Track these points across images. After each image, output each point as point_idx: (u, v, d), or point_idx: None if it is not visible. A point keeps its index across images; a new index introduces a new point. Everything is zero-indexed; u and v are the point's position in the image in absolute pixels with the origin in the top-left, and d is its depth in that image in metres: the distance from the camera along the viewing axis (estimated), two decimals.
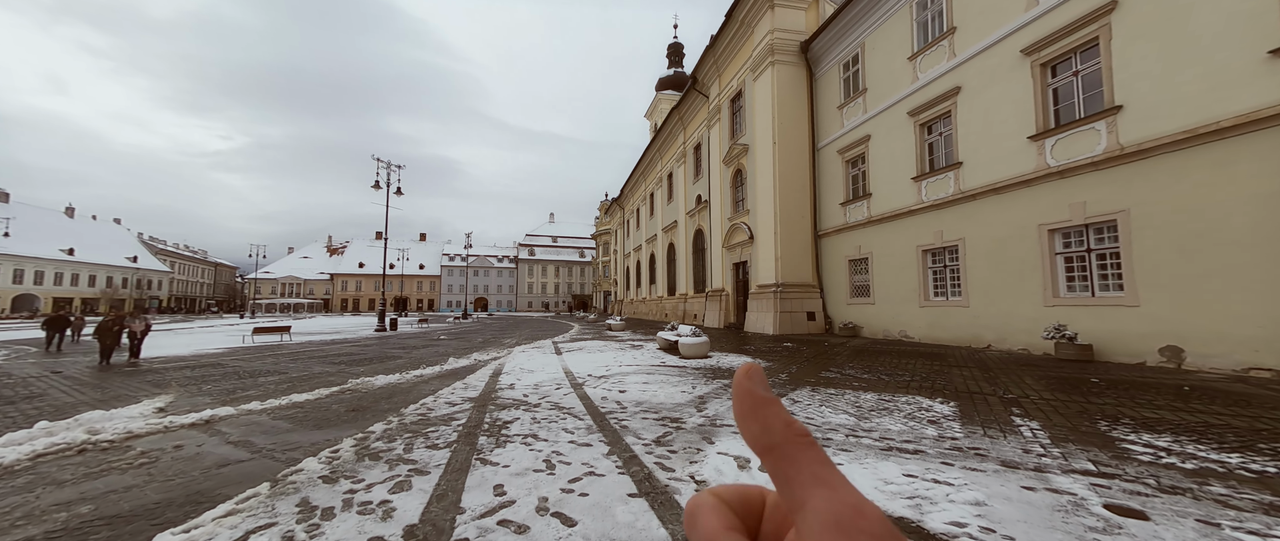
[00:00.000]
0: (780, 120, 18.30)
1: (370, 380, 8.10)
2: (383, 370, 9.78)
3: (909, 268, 14.02)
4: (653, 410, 5.55)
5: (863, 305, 16.12)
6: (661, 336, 12.80)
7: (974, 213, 11.81)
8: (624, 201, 52.56)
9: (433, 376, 8.77)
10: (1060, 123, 9.98)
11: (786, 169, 18.28)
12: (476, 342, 16.92)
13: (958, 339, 12.21)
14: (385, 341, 17.89)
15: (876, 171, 15.37)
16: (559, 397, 6.41)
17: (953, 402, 5.56)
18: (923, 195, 13.44)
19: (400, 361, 11.41)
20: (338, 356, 12.70)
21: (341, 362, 11.30)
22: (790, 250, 18.10)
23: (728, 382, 7.31)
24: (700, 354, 10.56)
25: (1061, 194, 9.74)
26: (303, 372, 9.61)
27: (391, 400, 6.52)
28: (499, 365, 10.15)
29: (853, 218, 16.56)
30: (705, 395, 6.35)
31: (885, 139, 14.92)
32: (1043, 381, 6.88)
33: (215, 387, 7.86)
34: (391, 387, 7.56)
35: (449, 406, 5.98)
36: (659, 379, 7.76)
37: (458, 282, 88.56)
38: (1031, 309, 10.38)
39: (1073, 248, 9.74)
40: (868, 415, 5.06)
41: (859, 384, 6.94)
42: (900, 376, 7.54)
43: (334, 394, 7.03)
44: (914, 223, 13.79)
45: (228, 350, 14.89)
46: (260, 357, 12.60)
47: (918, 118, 13.57)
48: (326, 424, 5.28)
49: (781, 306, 17.55)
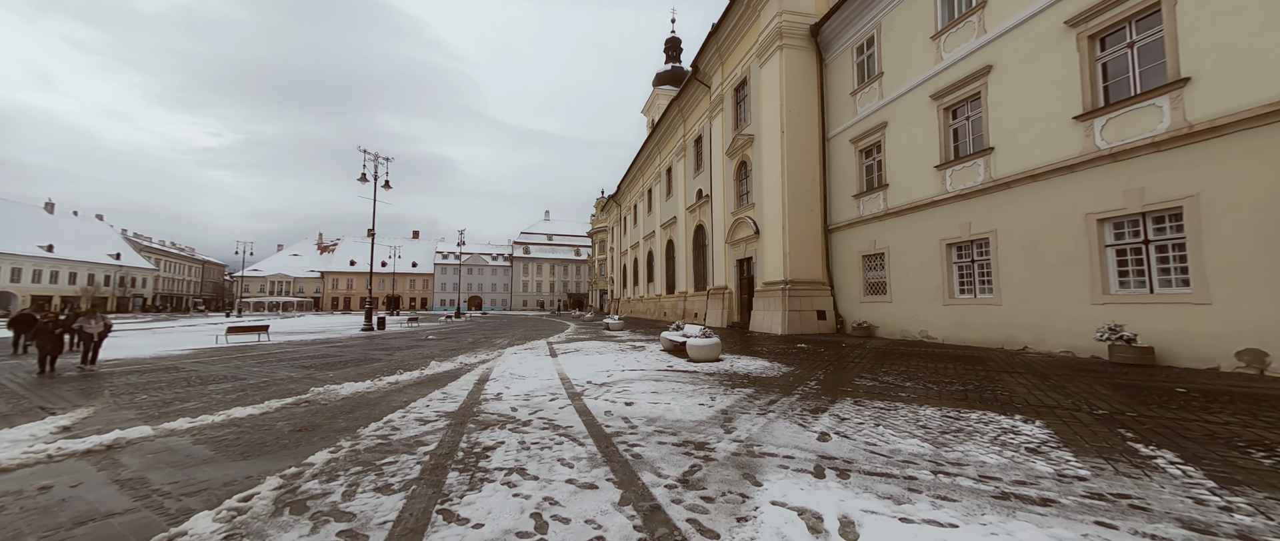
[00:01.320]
0: (789, 108, 17.28)
1: (335, 389, 6.99)
2: (355, 375, 8.66)
3: (931, 263, 13.03)
4: (669, 430, 4.50)
5: (878, 303, 15.13)
6: (666, 337, 11.74)
7: (1007, 202, 10.83)
8: (621, 198, 51.47)
9: (409, 384, 7.67)
10: (1110, 101, 9.00)
11: (795, 160, 17.26)
12: (465, 343, 15.80)
13: (988, 340, 11.23)
14: (369, 342, 16.74)
15: (894, 161, 14.38)
16: (553, 412, 5.34)
17: (1037, 421, 4.53)
18: (947, 185, 12.45)
19: (378, 365, 10.29)
20: (311, 359, 11.56)
21: (312, 366, 10.17)
22: (799, 246, 17.10)
23: (752, 393, 6.27)
24: (711, 357, 9.52)
25: (1113, 179, 8.77)
26: (262, 378, 8.48)
27: (352, 415, 5.43)
28: (487, 369, 9.06)
29: (867, 210, 15.57)
30: (729, 409, 5.30)
31: (904, 125, 13.92)
32: (1119, 391, 5.88)
33: (152, 398, 6.72)
34: (357, 398, 6.46)
35: (419, 424, 4.90)
36: (669, 387, 6.70)
37: (451, 281, 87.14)
38: (1076, 307, 9.41)
39: (1126, 238, 8.77)
40: (943, 439, 4.02)
41: (907, 394, 5.91)
42: (949, 384, 6.52)
43: (285, 407, 5.92)
44: (937, 214, 12.81)
45: (195, 352, 13.71)
46: (225, 360, 11.44)
47: (941, 101, 12.58)
48: (259, 451, 4.19)
49: (790, 305, 16.55)
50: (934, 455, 3.62)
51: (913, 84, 13.51)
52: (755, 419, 4.86)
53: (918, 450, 3.75)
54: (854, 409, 5.20)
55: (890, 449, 3.79)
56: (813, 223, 17.46)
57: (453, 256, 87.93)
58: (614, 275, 55.00)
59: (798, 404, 5.52)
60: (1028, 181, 10.30)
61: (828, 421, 4.68)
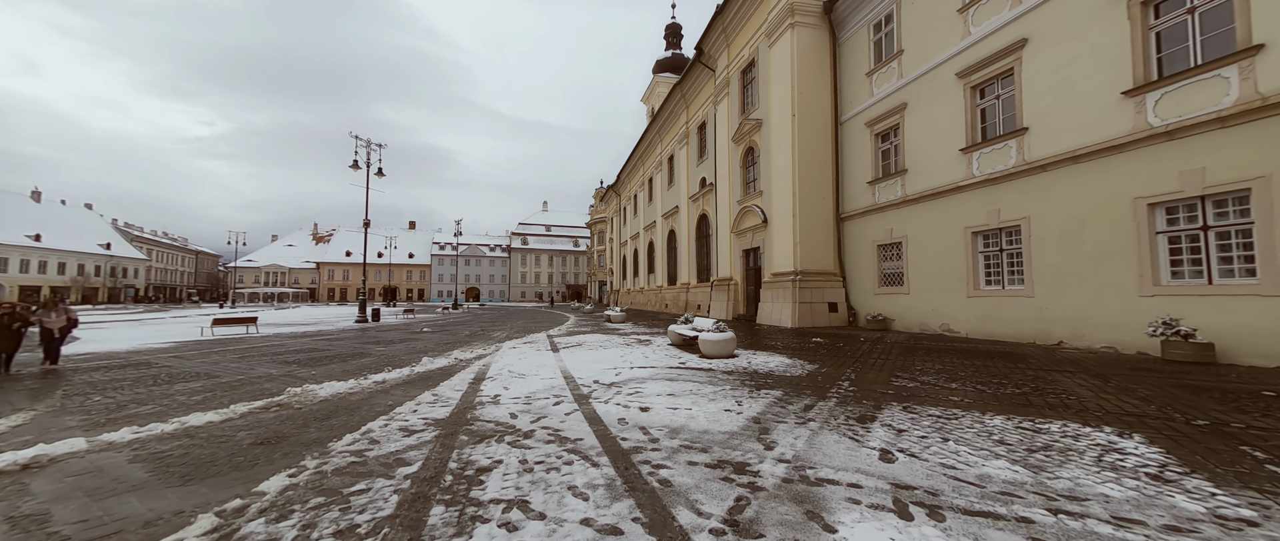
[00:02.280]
0: (800, 90, 16.43)
1: (314, 389, 6.27)
2: (340, 373, 7.94)
3: (954, 252, 12.32)
4: (697, 444, 3.79)
5: (894, 295, 14.44)
6: (675, 330, 11.03)
7: (1043, 186, 10.09)
8: (620, 188, 50.54)
9: (398, 383, 6.95)
10: (1165, 73, 8.23)
11: (806, 145, 16.45)
12: (462, 336, 15.09)
13: (1017, 334, 10.56)
14: (361, 335, 16.01)
15: (914, 144, 13.60)
16: (558, 420, 4.63)
17: (1136, 435, 3.84)
18: (974, 169, 11.69)
19: (367, 360, 9.57)
20: (296, 354, 10.83)
21: (295, 362, 9.45)
22: (810, 234, 16.36)
23: (781, 396, 5.57)
24: (726, 353, 8.81)
25: (1168, 160, 8.03)
26: (237, 376, 7.75)
27: (326, 423, 4.71)
28: (483, 366, 8.34)
29: (883, 198, 14.81)
30: (762, 417, 4.60)
31: (926, 106, 13.12)
32: (1199, 394, 5.19)
33: (106, 401, 5.99)
34: (337, 401, 5.73)
35: (403, 436, 4.18)
36: (687, 388, 6.00)
37: (448, 272, 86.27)
38: (1120, 300, 8.71)
39: (1182, 224, 8.05)
40: (1035, 460, 3.32)
41: (960, 398, 5.21)
42: (1000, 386, 5.83)
43: (252, 413, 5.20)
44: (961, 201, 12.06)
45: (176, 345, 12.96)
46: (205, 355, 10.70)
47: (969, 79, 11.78)
48: (205, 472, 3.47)
49: (800, 297, 15.84)
50: (1036, 484, 2.92)
51: (937, 62, 12.68)
52: (795, 430, 4.16)
53: (1012, 476, 3.04)
54: (907, 417, 4.49)
55: (976, 474, 3.09)
56: (824, 211, 16.70)
57: (449, 247, 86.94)
58: (613, 266, 54.25)
59: (839, 410, 4.82)
60: (1067, 163, 9.55)
61: (883, 434, 3.97)
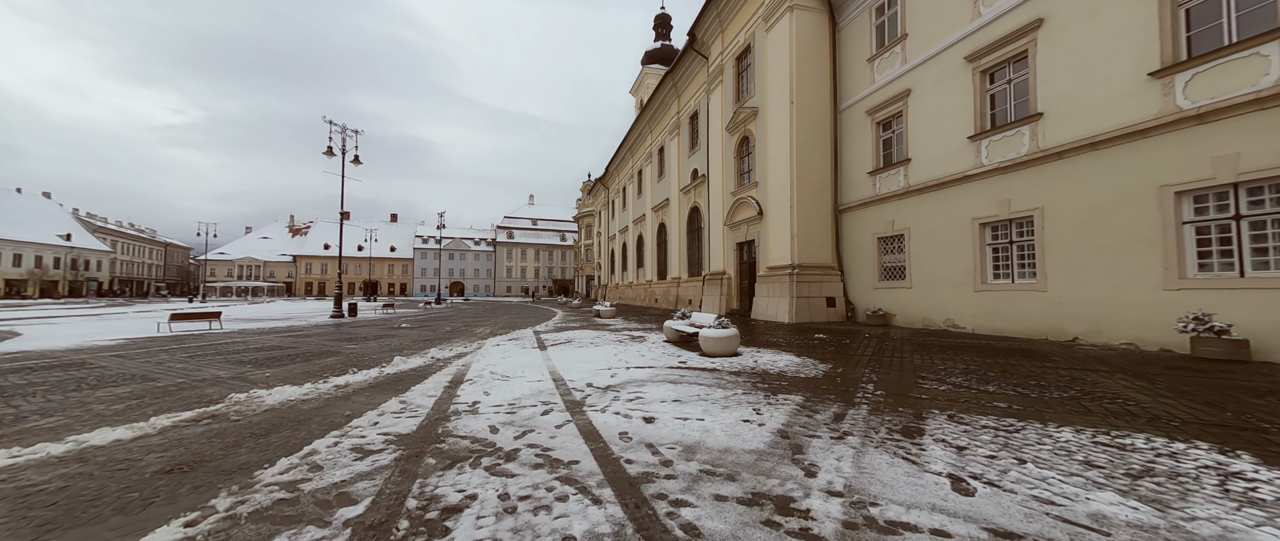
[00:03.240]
0: (799, 76, 15.79)
1: (261, 395, 5.39)
2: (299, 375, 7.05)
3: (960, 244, 11.82)
4: (721, 469, 3.08)
5: (895, 289, 13.95)
6: (671, 326, 10.32)
7: (1059, 175, 9.59)
8: (608, 181, 49.63)
9: (362, 387, 6.10)
10: (1194, 54, 7.74)
11: (804, 134, 15.84)
12: (442, 332, 14.17)
13: (1028, 330, 10.10)
14: (334, 331, 14.97)
15: (918, 132, 13.06)
16: (549, 434, 3.87)
17: (1243, 454, 3.23)
18: (983, 157, 11.18)
19: (333, 360, 8.66)
20: (256, 352, 9.84)
21: (252, 362, 8.49)
22: (807, 227, 15.78)
23: (802, 401, 4.89)
24: (728, 350, 8.13)
25: (1198, 145, 7.54)
26: (178, 379, 6.81)
27: (263, 441, 3.88)
28: (463, 367, 7.52)
29: (884, 188, 14.28)
30: (788, 429, 3.90)
31: (931, 92, 12.57)
32: (1269, 399, 4.66)
33: (3, 411, 5.04)
34: (285, 411, 4.88)
35: (354, 459, 3.38)
36: (693, 392, 5.28)
37: (432, 266, 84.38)
38: (1142, 293, 8.26)
39: (1212, 214, 7.59)
40: (1145, 489, 2.67)
41: (1006, 404, 4.59)
42: (1043, 389, 5.24)
43: (175, 427, 4.32)
44: (969, 191, 11.55)
45: (126, 342, 11.82)
46: (152, 354, 9.65)
47: (978, 63, 11.24)
48: (71, 520, 2.63)
49: (798, 291, 15.27)
50: (1174, 529, 2.26)
51: (943, 45, 12.12)
52: (834, 447, 3.46)
53: (1135, 516, 2.38)
54: (959, 429, 3.84)
55: (1088, 513, 2.42)
56: (822, 202, 16.14)
57: (433, 241, 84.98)
58: (601, 260, 53.39)
59: (875, 420, 4.15)
60: (1086, 150, 9.05)
61: (943, 454, 3.31)
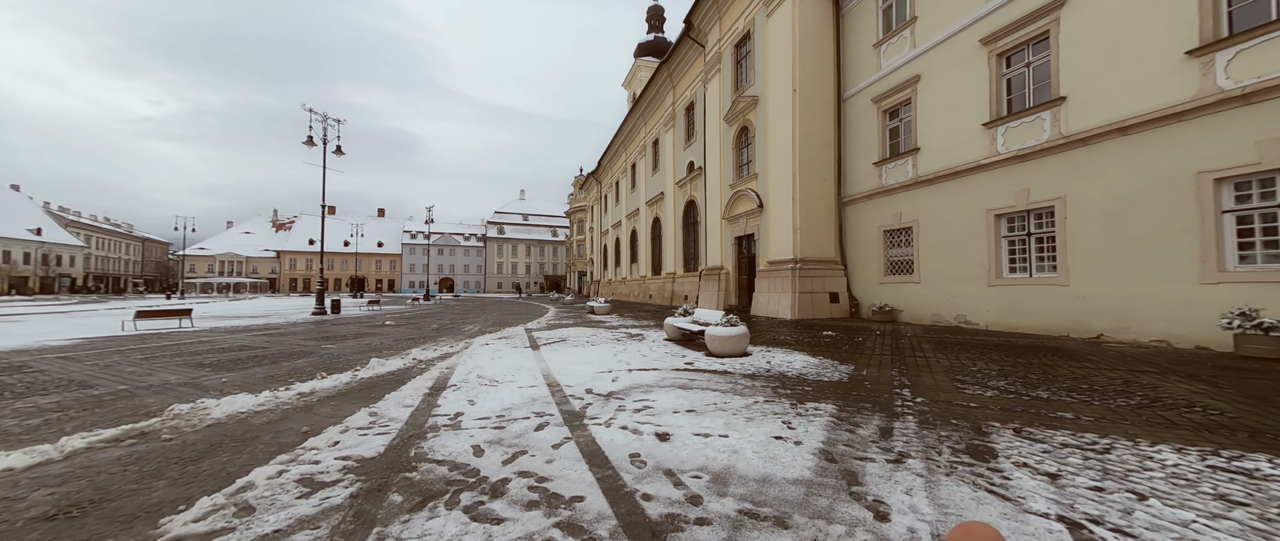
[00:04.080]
0: (802, 62, 15.16)
1: (207, 407, 4.64)
2: (261, 380, 6.29)
3: (973, 237, 11.30)
4: (764, 506, 2.42)
5: (902, 284, 13.42)
6: (672, 324, 9.67)
7: (1083, 162, 9.06)
8: (601, 175, 48.79)
9: (329, 395, 5.36)
10: (1237, 30, 7.21)
11: (807, 123, 15.22)
12: (427, 331, 13.39)
13: (1048, 326, 9.59)
14: (313, 329, 14.12)
15: (928, 120, 12.50)
16: (544, 457, 3.19)
17: None
18: (999, 145, 10.64)
19: (303, 362, 7.88)
20: (220, 353, 9.01)
21: (212, 365, 7.68)
22: (810, 220, 15.19)
23: (837, 412, 4.26)
24: (738, 350, 7.49)
25: (1241, 128, 7.03)
26: (120, 386, 6.01)
27: (190, 470, 3.14)
28: (447, 370, 6.80)
29: (891, 179, 13.73)
30: (831, 448, 3.26)
31: (943, 78, 12.00)
32: None
33: None
34: (231, 427, 4.14)
35: (297, 497, 2.67)
36: (708, 399, 4.63)
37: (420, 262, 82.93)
38: (1175, 287, 7.76)
39: (1255, 202, 7.08)
40: None
41: (1072, 414, 3.99)
42: (1105, 396, 4.66)
43: (89, 450, 3.57)
44: (983, 181, 11.01)
45: (78, 343, 10.91)
46: (102, 357, 8.79)
47: (995, 46, 10.67)
48: None
49: (800, 286, 14.70)
50: None
51: (957, 28, 11.54)
52: (896, 475, 2.82)
53: None
54: (1037, 449, 3.22)
55: None
56: (826, 194, 15.56)
57: (421, 236, 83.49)
58: (594, 256, 52.62)
59: (929, 437, 3.52)
60: (1114, 135, 8.52)
61: (1036, 485, 2.68)
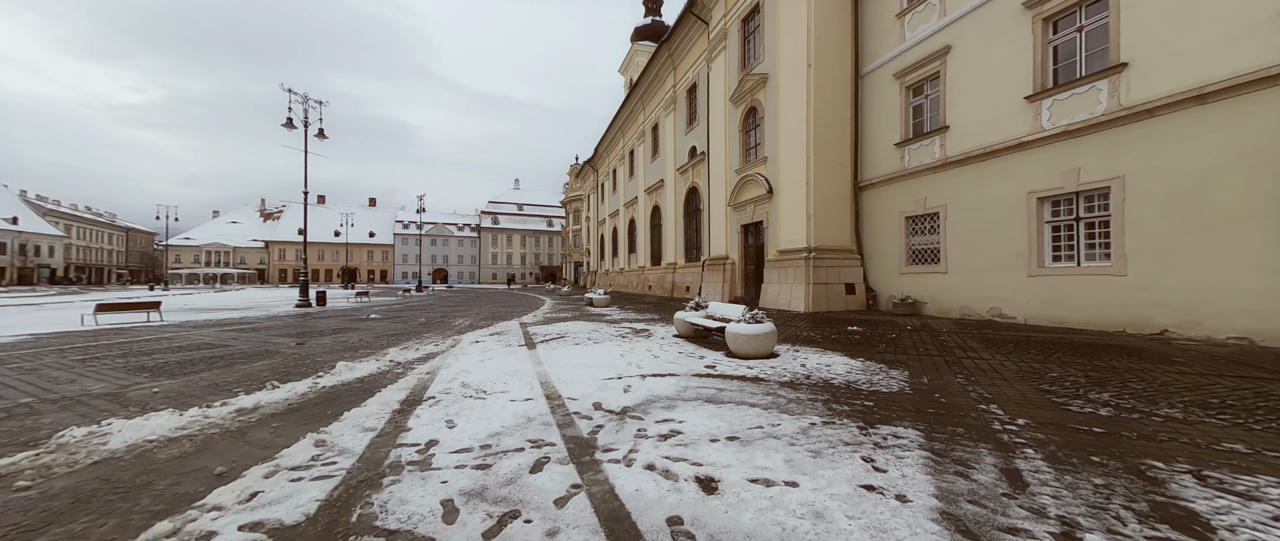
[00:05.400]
0: (817, 35, 14.05)
1: (108, 432, 3.60)
2: (197, 391, 5.23)
3: (1010, 223, 10.34)
4: None
5: (927, 274, 12.48)
6: (683, 319, 8.66)
7: (1147, 137, 8.08)
8: (597, 163, 47.52)
9: (274, 412, 4.32)
10: None
11: (823, 101, 14.15)
12: (413, 325, 12.33)
13: (1099, 320, 8.68)
14: (290, 324, 13.02)
15: (959, 95, 11.47)
16: (545, 523, 2.17)
17: None
18: (1043, 121, 9.64)
19: (261, 365, 6.82)
20: (173, 353, 7.92)
21: (153, 369, 6.60)
22: (825, 206, 14.19)
23: (928, 440, 3.27)
24: (765, 351, 6.49)
25: None
26: (26, 398, 4.93)
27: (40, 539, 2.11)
28: (427, 375, 5.76)
29: (915, 161, 12.72)
30: (954, 508, 2.27)
31: (977, 48, 10.96)
32: None
33: None
34: (123, 464, 3.10)
35: None
36: (748, 420, 3.63)
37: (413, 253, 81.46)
38: (1258, 278, 6.83)
39: None
40: None
41: (1245, 445, 3.03)
42: (1259, 416, 3.71)
43: None
44: (1024, 160, 10.03)
45: (24, 339, 9.78)
46: (38, 356, 7.67)
47: (1040, 9, 9.63)
48: None
49: (815, 277, 13.74)
50: None
51: None
52: None
53: None
54: (1257, 509, 2.25)
55: None
56: (841, 178, 14.55)
57: (414, 226, 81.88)
58: (591, 246, 51.49)
59: (1082, 486, 2.54)
60: (1187, 104, 7.53)
61: None
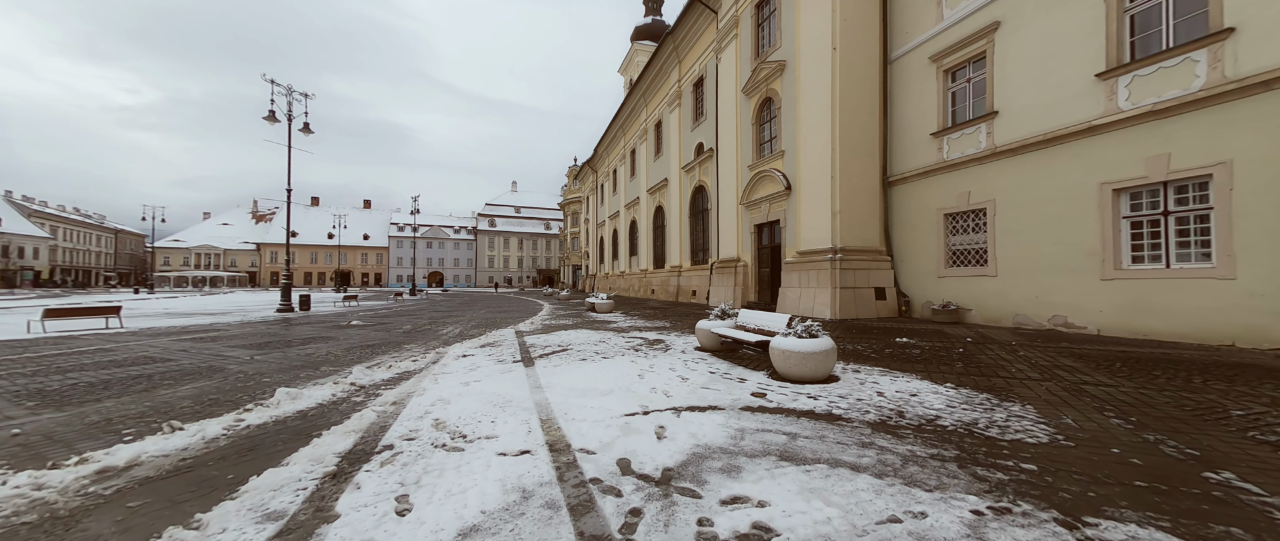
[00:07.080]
0: (844, 15, 12.82)
1: None
2: (69, 434, 3.88)
3: (1078, 219, 9.06)
4: None
5: (971, 278, 11.19)
6: (707, 330, 7.31)
7: (1258, 115, 6.83)
8: (597, 164, 46.27)
9: (152, 474, 2.98)
10: None
11: (849, 88, 12.92)
12: (397, 333, 10.96)
13: (1198, 331, 7.39)
14: (261, 331, 11.63)
15: (1009, 77, 10.23)
16: None
17: None
18: (1120, 101, 8.38)
19: (190, 389, 5.45)
20: (96, 369, 6.54)
21: (43, 395, 5.23)
22: (851, 203, 12.92)
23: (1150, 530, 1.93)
24: (821, 374, 5.16)
25: None
26: None
27: None
28: (390, 408, 4.41)
29: (955, 152, 11.46)
30: None
31: (1033, 23, 9.72)
32: None
33: None
34: None
35: None
36: (872, 505, 2.31)
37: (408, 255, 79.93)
38: None
39: None
40: None
41: None
42: None
43: None
44: (1096, 147, 8.77)
45: None
46: None
47: None
48: None
49: (841, 281, 12.45)
50: None
51: None
52: None
53: None
54: None
55: None
56: (869, 172, 13.28)
57: (409, 228, 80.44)
58: (590, 249, 50.16)
59: None
60: None
61: None
